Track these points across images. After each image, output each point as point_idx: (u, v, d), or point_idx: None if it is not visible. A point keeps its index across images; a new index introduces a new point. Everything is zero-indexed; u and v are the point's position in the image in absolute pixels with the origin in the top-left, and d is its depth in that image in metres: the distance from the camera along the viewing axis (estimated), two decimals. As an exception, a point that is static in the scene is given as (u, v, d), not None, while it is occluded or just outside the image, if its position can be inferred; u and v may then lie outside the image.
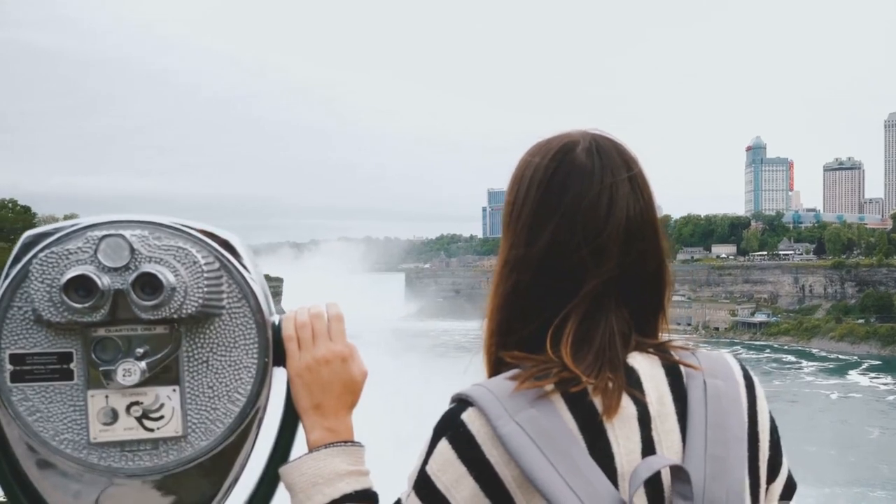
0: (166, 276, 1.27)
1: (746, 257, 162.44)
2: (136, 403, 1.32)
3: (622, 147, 1.32)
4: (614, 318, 1.25)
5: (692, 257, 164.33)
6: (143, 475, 1.34)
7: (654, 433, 1.19)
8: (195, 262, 1.30)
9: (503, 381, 1.20)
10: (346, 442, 1.36)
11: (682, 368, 1.26)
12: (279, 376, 1.38)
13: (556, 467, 1.12)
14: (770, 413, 1.31)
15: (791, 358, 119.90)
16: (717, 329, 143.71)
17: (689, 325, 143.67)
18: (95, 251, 1.28)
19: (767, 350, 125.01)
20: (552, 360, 1.20)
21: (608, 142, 1.31)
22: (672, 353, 1.28)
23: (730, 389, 1.26)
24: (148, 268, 1.27)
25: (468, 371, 1.29)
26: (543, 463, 1.12)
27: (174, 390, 1.33)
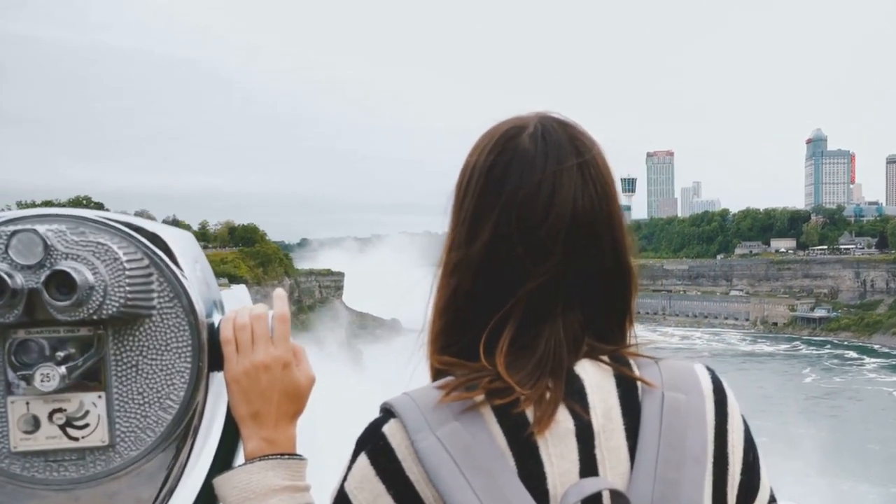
0: (83, 274, 1.17)
1: (806, 251, 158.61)
2: (60, 410, 1.22)
3: (575, 131, 1.19)
4: (562, 321, 1.13)
5: (751, 252, 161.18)
6: (69, 487, 1.24)
7: (597, 451, 1.08)
8: (116, 259, 1.20)
9: (430, 391, 1.10)
10: (283, 454, 1.24)
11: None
12: (222, 382, 1.29)
13: (475, 488, 1.02)
14: (747, 431, 1.18)
15: (853, 354, 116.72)
16: (775, 324, 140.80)
17: (746, 320, 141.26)
18: (6, 248, 1.18)
19: (828, 346, 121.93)
20: (485, 369, 1.10)
21: (559, 125, 1.19)
22: (629, 362, 1.16)
23: (693, 404, 1.13)
24: (63, 265, 1.17)
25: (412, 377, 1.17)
26: (460, 483, 1.02)
27: (100, 396, 1.23)
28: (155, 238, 1.26)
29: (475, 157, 1.19)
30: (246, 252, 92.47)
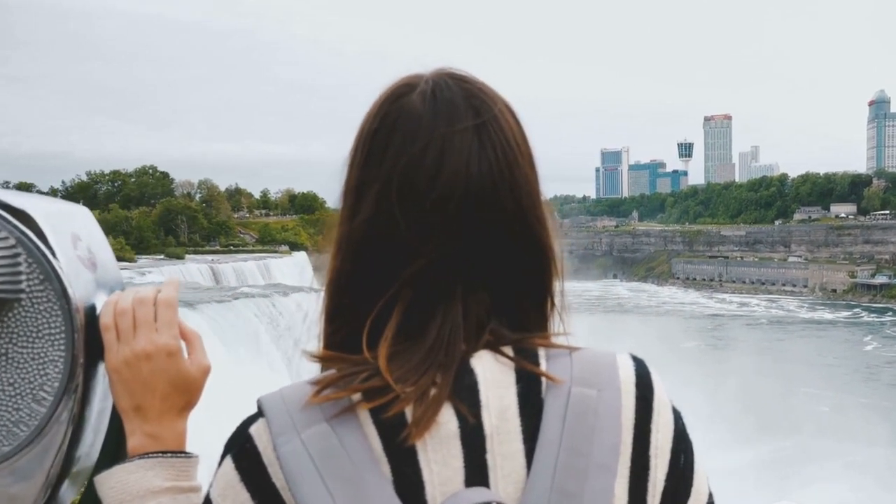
0: None
1: (867, 216, 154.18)
2: None
3: (474, 87, 1.04)
4: (462, 306, 0.99)
5: (810, 217, 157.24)
6: None
7: (488, 456, 0.93)
8: None
9: (303, 387, 0.98)
10: (166, 452, 1.12)
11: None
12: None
13: (336, 499, 0.91)
14: (679, 430, 1.01)
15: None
16: (834, 291, 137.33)
17: (805, 286, 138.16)
18: None
19: (889, 313, 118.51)
20: (366, 363, 0.96)
21: (454, 81, 1.04)
22: (537, 353, 1.00)
23: (606, 400, 0.97)
24: None
25: None
26: (321, 492, 0.91)
27: None
28: (24, 215, 1.13)
29: (363, 122, 1.05)
30: (306, 219, 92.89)
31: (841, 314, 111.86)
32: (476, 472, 0.93)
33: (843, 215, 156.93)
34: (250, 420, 0.98)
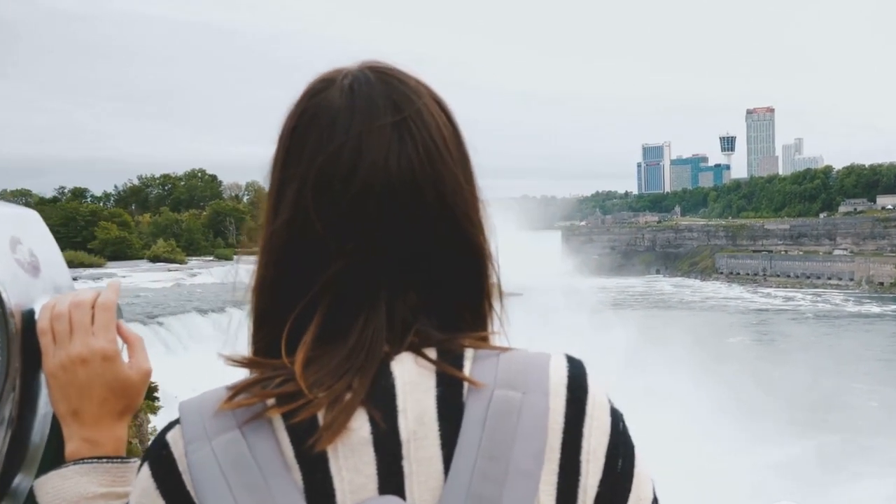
0: None
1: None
2: None
3: (396, 82, 0.99)
4: (386, 307, 0.95)
5: (855, 209, 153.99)
6: None
7: (404, 463, 0.90)
8: None
9: (220, 392, 0.94)
10: (102, 457, 1.09)
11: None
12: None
13: None
14: (616, 433, 0.95)
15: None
16: (881, 284, 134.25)
17: (851, 280, 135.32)
18: None
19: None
20: (283, 367, 0.93)
21: (376, 75, 0.99)
22: (462, 354, 0.95)
23: (531, 403, 0.91)
24: None
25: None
26: (226, 502, 0.88)
27: None
28: None
29: (284, 121, 1.01)
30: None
31: (889, 307, 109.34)
32: (391, 480, 0.89)
33: (889, 207, 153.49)
34: (169, 426, 0.95)
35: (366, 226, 0.94)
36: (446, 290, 0.98)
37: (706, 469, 32.09)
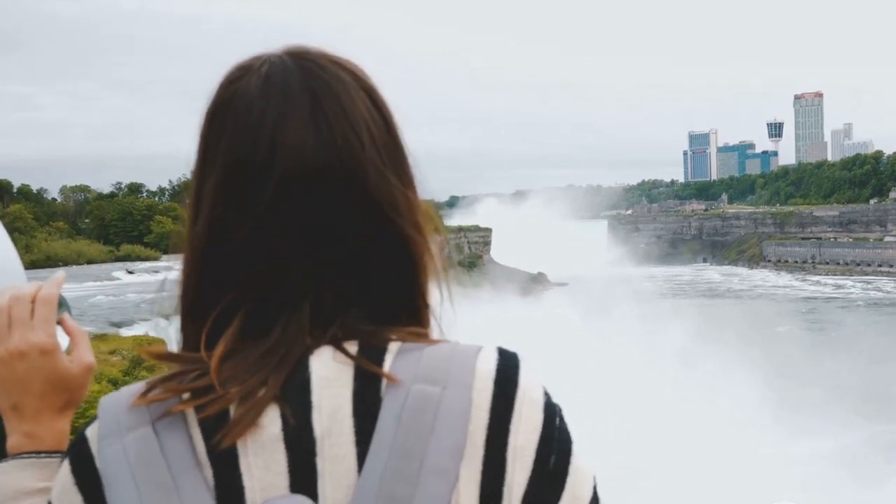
0: None
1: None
2: None
3: (316, 67, 0.95)
4: (310, 300, 0.92)
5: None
6: None
7: (318, 460, 0.87)
8: None
9: (137, 387, 0.92)
10: (41, 452, 1.07)
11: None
12: None
13: None
14: (550, 429, 0.91)
15: None
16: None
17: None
18: None
19: None
20: (201, 362, 0.91)
21: (294, 60, 0.95)
22: (384, 348, 0.91)
23: (451, 399, 0.87)
24: None
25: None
26: (132, 500, 0.86)
27: None
28: None
29: (204, 112, 0.97)
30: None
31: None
32: (303, 477, 0.87)
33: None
34: (90, 421, 0.93)
35: (286, 217, 0.91)
36: (376, 282, 0.95)
37: (756, 458, 31.67)
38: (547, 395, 0.92)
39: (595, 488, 0.94)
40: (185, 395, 0.89)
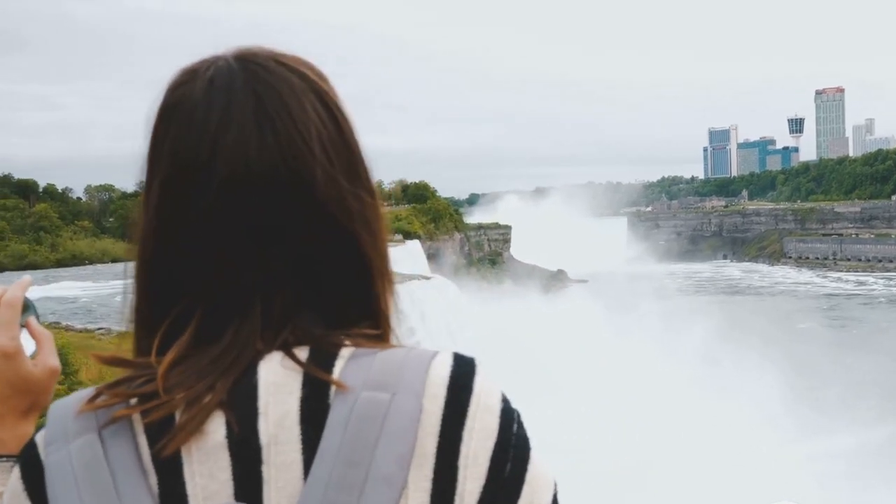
0: None
1: None
2: None
3: (263, 70, 0.93)
4: (262, 305, 0.90)
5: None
6: None
7: (264, 468, 0.85)
8: None
9: (89, 392, 0.91)
10: (3, 456, 1.06)
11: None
12: None
13: None
14: (505, 437, 0.88)
15: None
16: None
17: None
18: None
19: None
20: (150, 367, 0.89)
21: (241, 63, 0.93)
22: (336, 354, 0.89)
23: (400, 406, 0.85)
24: None
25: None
26: None
27: None
28: None
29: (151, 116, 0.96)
30: (418, 209, 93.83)
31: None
32: (248, 485, 0.85)
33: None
34: (40, 427, 0.92)
35: (230, 219, 0.89)
36: (329, 285, 0.93)
37: (775, 456, 31.53)
38: (504, 401, 0.90)
39: (555, 495, 0.91)
40: (133, 401, 0.87)
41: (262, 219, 0.89)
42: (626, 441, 30.74)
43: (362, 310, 0.95)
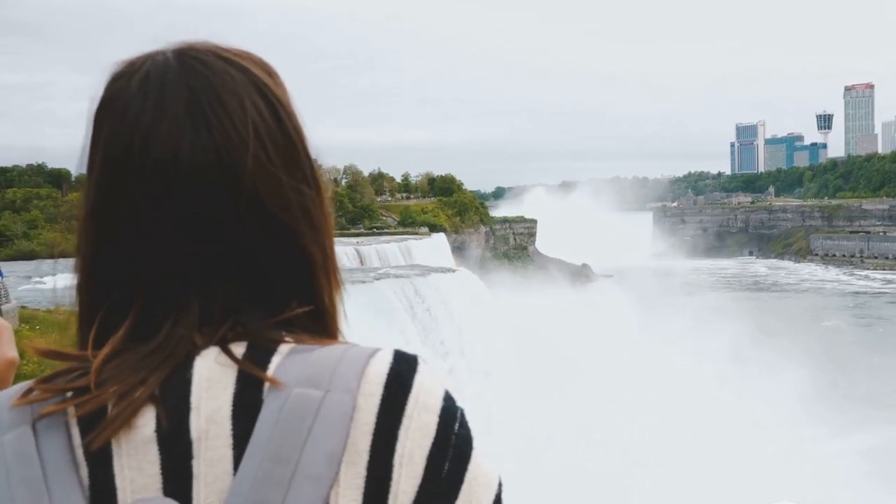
0: None
1: None
2: None
3: (201, 65, 0.92)
4: (200, 300, 0.90)
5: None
6: None
7: (194, 462, 0.85)
8: None
9: (27, 385, 0.91)
10: None
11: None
12: None
13: None
14: (447, 436, 0.87)
15: None
16: None
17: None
18: None
19: None
20: (86, 360, 0.89)
21: (179, 57, 0.93)
22: (274, 349, 0.89)
23: (332, 403, 0.85)
24: None
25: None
26: (4, 500, 0.84)
27: None
28: None
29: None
30: (444, 202, 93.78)
31: None
32: (177, 480, 0.85)
33: None
34: None
35: (162, 214, 0.89)
36: (271, 281, 0.93)
37: (799, 454, 31.25)
38: (447, 399, 0.89)
39: (499, 495, 0.90)
40: (69, 395, 0.87)
41: (196, 212, 0.89)
42: (651, 437, 30.60)
43: (307, 305, 0.94)
